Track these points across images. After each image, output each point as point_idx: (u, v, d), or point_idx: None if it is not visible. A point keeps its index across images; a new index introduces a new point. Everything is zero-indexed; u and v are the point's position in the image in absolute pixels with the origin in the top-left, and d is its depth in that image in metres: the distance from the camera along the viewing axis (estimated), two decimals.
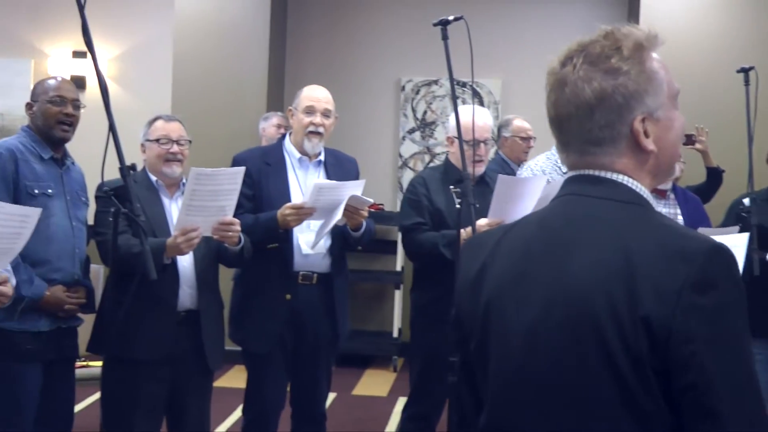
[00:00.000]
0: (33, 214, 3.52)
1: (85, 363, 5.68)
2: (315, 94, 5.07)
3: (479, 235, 2.10)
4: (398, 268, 9.28)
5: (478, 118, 5.03)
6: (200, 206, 4.35)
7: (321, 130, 5.03)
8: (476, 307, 1.95)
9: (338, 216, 4.75)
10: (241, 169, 4.51)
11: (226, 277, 5.19)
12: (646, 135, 1.88)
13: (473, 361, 1.98)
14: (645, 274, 1.72)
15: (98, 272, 5.46)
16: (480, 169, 5.20)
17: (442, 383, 4.64)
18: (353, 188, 4.79)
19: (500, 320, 1.90)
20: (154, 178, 4.72)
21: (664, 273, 1.71)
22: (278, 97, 9.46)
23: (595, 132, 1.88)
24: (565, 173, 5.68)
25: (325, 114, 5.04)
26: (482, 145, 5.17)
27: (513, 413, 1.87)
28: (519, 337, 1.86)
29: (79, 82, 8.98)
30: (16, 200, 4.34)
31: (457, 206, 4.53)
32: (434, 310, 5.04)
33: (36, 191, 4.44)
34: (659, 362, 1.71)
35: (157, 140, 4.69)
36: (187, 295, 4.62)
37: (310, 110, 5.01)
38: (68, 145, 4.69)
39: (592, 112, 1.87)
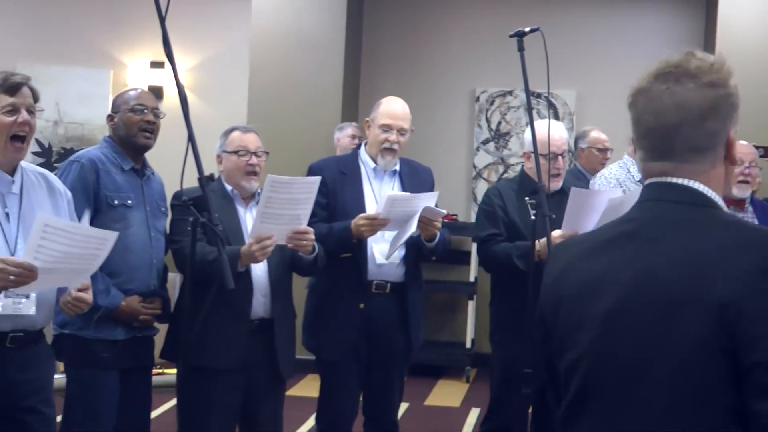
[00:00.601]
0: (110, 238, 3.58)
1: (161, 370, 5.74)
2: (393, 111, 5.06)
3: (567, 240, 2.25)
4: (471, 278, 9.26)
5: (554, 131, 5.02)
6: (275, 214, 4.38)
7: (396, 147, 5.04)
8: (555, 304, 2.08)
9: (412, 227, 4.75)
10: (317, 179, 4.54)
11: (299, 285, 5.22)
12: None
13: (553, 357, 2.11)
14: (717, 263, 1.86)
15: (174, 280, 5.52)
16: (557, 184, 5.18)
17: (522, 395, 4.62)
18: (427, 200, 4.79)
19: (575, 314, 2.03)
20: (229, 187, 4.76)
21: (735, 260, 1.85)
22: (353, 108, 9.50)
23: (699, 140, 2.00)
24: (638, 181, 5.68)
25: (401, 132, 5.04)
26: (559, 158, 5.16)
27: (590, 400, 1.99)
28: (593, 328, 1.98)
29: (156, 92, 9.10)
30: (96, 210, 4.40)
31: (532, 217, 4.52)
32: (513, 322, 5.02)
33: (116, 202, 4.49)
34: (728, 342, 1.81)
35: (236, 152, 4.73)
36: (260, 303, 4.66)
37: (386, 128, 5.02)
38: (146, 155, 4.75)
39: (704, 121, 1.99)
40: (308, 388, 7.72)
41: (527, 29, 4.54)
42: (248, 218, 4.72)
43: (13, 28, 10.03)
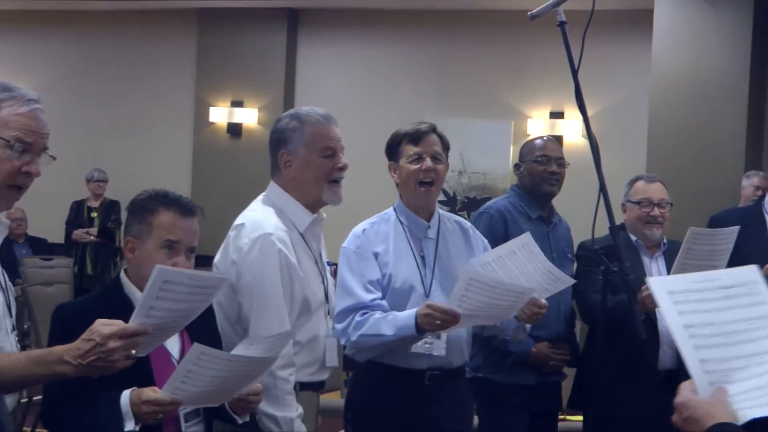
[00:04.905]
0: (527, 292, 3.73)
1: (563, 416, 5.79)
2: None
3: None
4: None
5: None
6: (694, 265, 4.33)
7: None
8: None
9: None
10: (736, 229, 4.45)
11: None
12: None
13: None
14: None
15: (578, 327, 5.57)
16: None
17: None
18: None
19: None
20: (634, 237, 4.77)
21: None
22: (757, 155, 9.19)
23: None
24: None
25: None
26: None
27: None
28: None
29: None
30: None
31: None
32: None
33: None
34: None
35: (638, 203, 4.75)
36: (667, 354, 4.61)
37: None
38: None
39: None
40: None
41: None
42: (653, 268, 4.71)
43: (423, 83, 10.56)
